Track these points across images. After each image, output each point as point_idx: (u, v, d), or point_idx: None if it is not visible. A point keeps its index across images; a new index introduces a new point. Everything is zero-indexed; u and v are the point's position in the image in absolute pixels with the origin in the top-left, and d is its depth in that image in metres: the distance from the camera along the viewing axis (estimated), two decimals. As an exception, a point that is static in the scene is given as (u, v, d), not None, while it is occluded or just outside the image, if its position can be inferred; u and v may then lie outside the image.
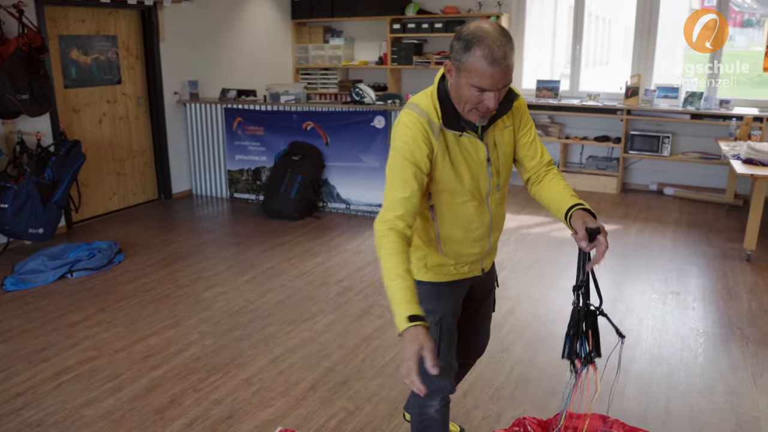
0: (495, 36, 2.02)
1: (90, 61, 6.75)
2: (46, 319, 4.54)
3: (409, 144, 2.18)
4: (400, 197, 2.16)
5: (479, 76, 2.03)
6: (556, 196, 2.38)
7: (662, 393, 3.55)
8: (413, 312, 1.98)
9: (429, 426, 2.54)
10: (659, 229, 6.56)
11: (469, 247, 2.41)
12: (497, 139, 2.31)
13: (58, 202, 5.96)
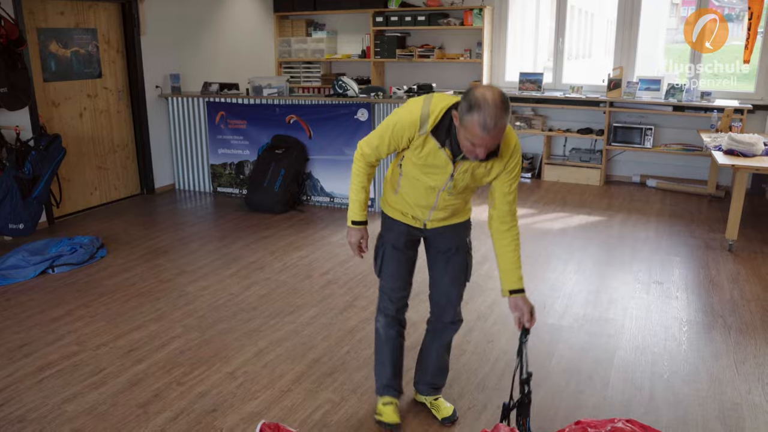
0: (492, 107, 2.38)
1: (69, 54, 6.67)
2: (27, 315, 4.49)
3: (399, 127, 2.71)
4: (375, 145, 2.82)
5: (473, 135, 2.44)
6: (507, 267, 2.85)
7: (646, 381, 3.57)
8: (358, 219, 2.98)
9: (376, 338, 3.21)
10: (642, 220, 6.59)
11: (413, 207, 2.94)
12: (469, 169, 2.70)
13: (39, 197, 5.89)
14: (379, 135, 2.79)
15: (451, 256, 3.03)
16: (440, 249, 3.05)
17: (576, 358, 3.82)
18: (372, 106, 6.65)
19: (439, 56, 8.83)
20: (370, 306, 4.53)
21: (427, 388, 3.27)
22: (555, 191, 7.85)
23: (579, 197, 7.56)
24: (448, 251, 3.03)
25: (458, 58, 8.78)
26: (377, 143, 2.80)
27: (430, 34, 9.02)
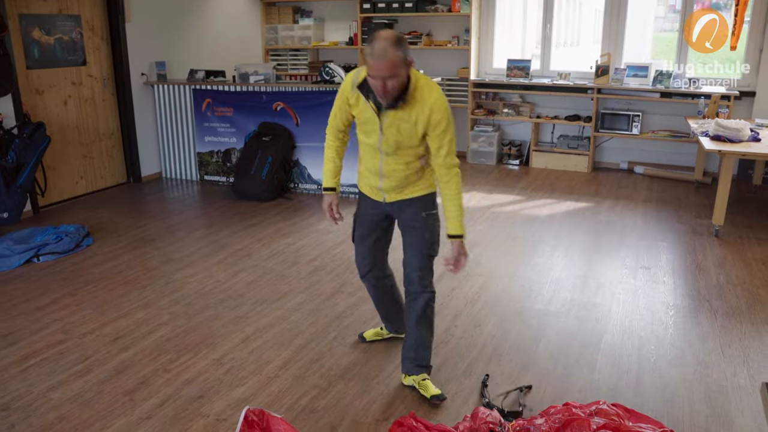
0: (382, 39, 2.77)
1: (53, 41, 6.60)
2: (12, 304, 4.45)
3: (340, 94, 3.16)
4: (331, 115, 3.28)
5: (368, 67, 2.83)
6: (447, 215, 3.14)
7: (633, 364, 3.58)
8: (328, 185, 3.48)
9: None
10: (630, 206, 6.60)
11: (370, 176, 3.27)
12: (394, 123, 2.99)
13: (23, 186, 5.84)
14: (333, 107, 3.24)
15: (410, 229, 3.27)
16: (402, 223, 3.31)
17: (563, 343, 3.83)
18: (359, 93, 6.61)
19: (426, 43, 8.80)
20: (357, 292, 4.52)
21: (411, 365, 3.32)
22: (543, 178, 7.86)
23: (567, 184, 7.57)
24: (408, 225, 3.27)
25: (446, 44, 8.75)
26: (332, 113, 3.24)
27: (418, 20, 8.98)
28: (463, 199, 3.15)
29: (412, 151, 3.09)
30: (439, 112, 2.94)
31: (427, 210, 3.24)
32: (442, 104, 2.95)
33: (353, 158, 6.53)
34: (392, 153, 3.08)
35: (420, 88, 2.94)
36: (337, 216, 3.44)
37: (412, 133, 2.99)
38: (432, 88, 2.96)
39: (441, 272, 4.86)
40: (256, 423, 2.53)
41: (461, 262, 3.13)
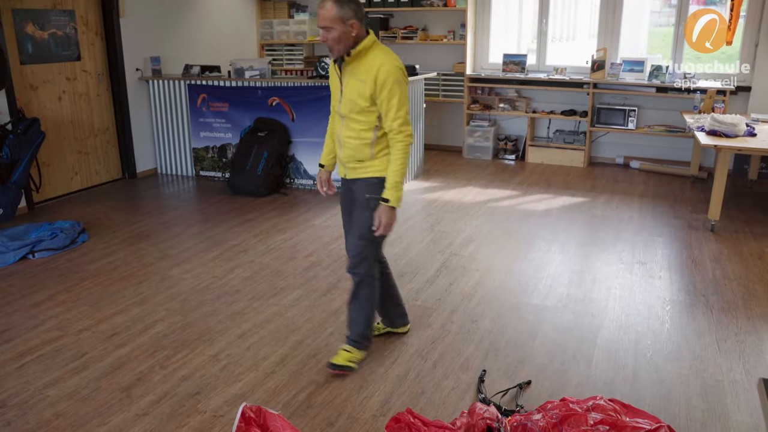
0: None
1: (47, 36, 6.57)
2: (8, 301, 4.43)
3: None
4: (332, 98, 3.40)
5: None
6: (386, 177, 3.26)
7: (630, 359, 3.58)
8: (321, 162, 3.64)
9: None
10: (626, 201, 6.61)
11: (335, 147, 3.46)
12: (349, 81, 3.21)
13: (18, 182, 5.82)
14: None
15: (354, 209, 3.41)
16: (351, 203, 3.44)
17: (560, 338, 3.83)
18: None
19: (422, 38, 8.79)
20: (354, 288, 4.52)
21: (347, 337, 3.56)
22: (539, 173, 7.86)
23: (563, 179, 7.57)
24: (353, 205, 3.41)
25: (442, 39, 8.74)
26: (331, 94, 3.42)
27: (414, 15, 8.96)
28: (404, 173, 3.24)
29: (363, 117, 3.22)
30: (385, 73, 3.11)
31: (370, 193, 3.31)
32: (390, 68, 3.13)
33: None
34: (347, 115, 3.25)
35: (373, 51, 3.18)
36: (325, 188, 3.60)
37: (362, 92, 3.16)
38: (386, 53, 3.19)
39: (438, 267, 4.87)
40: (254, 419, 2.52)
41: (382, 227, 3.23)
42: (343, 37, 3.12)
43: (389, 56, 3.19)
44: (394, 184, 3.21)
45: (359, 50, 3.16)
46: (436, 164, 8.33)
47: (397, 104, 3.15)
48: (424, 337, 3.83)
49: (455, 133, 9.13)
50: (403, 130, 3.19)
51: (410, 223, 5.96)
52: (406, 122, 3.19)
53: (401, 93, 3.17)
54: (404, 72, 3.21)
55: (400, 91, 3.16)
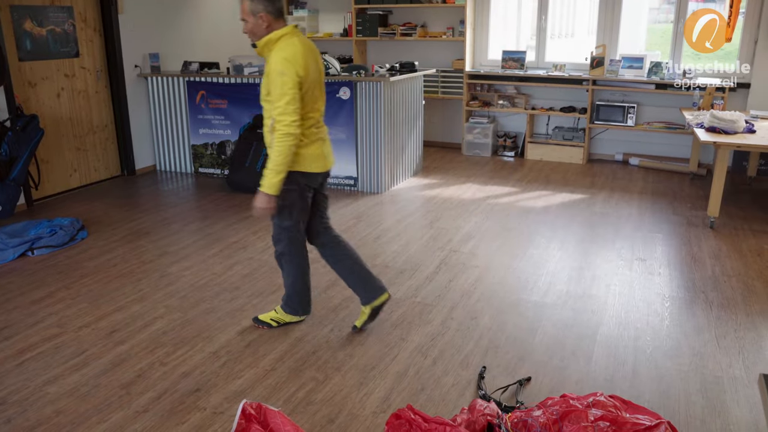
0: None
1: (45, 32, 6.55)
2: (7, 298, 4.43)
3: None
4: None
5: None
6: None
7: (630, 355, 3.59)
8: None
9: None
10: (625, 198, 6.61)
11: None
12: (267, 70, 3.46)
13: (17, 179, 5.81)
14: None
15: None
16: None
17: (559, 334, 3.83)
18: (354, 85, 6.60)
19: (421, 34, 8.77)
20: (353, 285, 4.53)
21: None
22: (538, 170, 7.86)
23: (562, 175, 7.57)
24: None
25: (441, 36, 8.73)
26: None
27: (413, 11, 8.95)
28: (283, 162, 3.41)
29: (266, 105, 3.50)
30: (273, 64, 3.38)
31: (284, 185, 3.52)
32: (277, 58, 3.37)
33: (349, 148, 6.44)
34: (264, 104, 3.53)
35: (277, 43, 3.45)
36: None
37: (264, 81, 3.46)
38: (285, 45, 3.42)
39: (438, 264, 4.87)
40: (254, 416, 2.52)
41: (255, 210, 3.53)
42: (255, 29, 3.47)
43: (284, 49, 3.40)
44: (268, 171, 3.43)
45: (264, 42, 3.46)
46: (435, 161, 8.33)
47: (278, 94, 3.35)
48: (424, 334, 3.83)
49: (454, 130, 9.13)
50: (281, 119, 3.35)
51: (409, 220, 5.96)
52: (285, 112, 3.34)
53: (282, 83, 3.34)
54: (291, 62, 3.35)
55: (281, 81, 3.34)
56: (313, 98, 3.52)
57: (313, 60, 3.53)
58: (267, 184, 3.44)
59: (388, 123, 6.69)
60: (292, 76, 3.34)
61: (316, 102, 3.56)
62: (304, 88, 3.42)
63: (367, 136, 6.69)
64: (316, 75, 3.55)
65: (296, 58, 3.37)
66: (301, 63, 3.39)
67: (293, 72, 3.34)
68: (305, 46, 3.50)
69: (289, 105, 3.34)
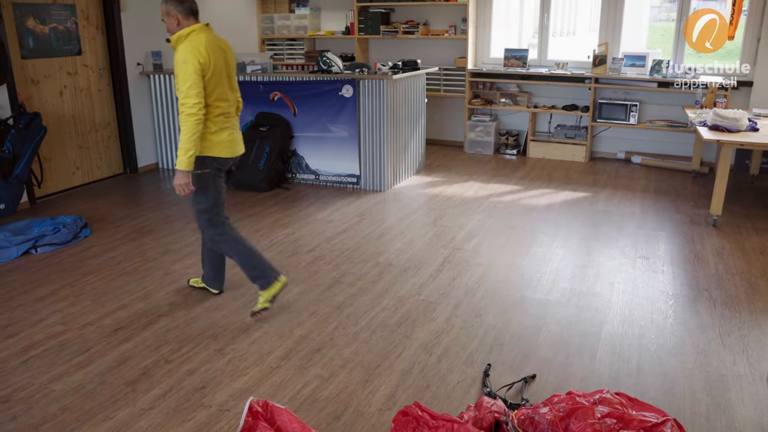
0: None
1: (48, 30, 6.55)
2: (11, 295, 4.44)
3: None
4: None
5: None
6: None
7: (634, 353, 3.59)
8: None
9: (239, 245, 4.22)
10: (627, 196, 6.61)
11: None
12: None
13: (20, 177, 5.81)
14: None
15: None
16: None
17: (564, 332, 3.83)
18: (357, 83, 6.60)
19: (423, 32, 8.77)
20: (357, 282, 4.53)
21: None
22: (540, 168, 7.86)
23: (564, 174, 7.57)
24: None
25: (443, 34, 8.73)
26: None
27: (415, 9, 8.95)
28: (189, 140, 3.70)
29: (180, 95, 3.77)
30: (178, 53, 3.76)
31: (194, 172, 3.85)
32: (182, 51, 3.74)
33: (348, 148, 6.43)
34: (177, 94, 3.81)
35: (187, 38, 3.82)
36: None
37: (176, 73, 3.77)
38: (191, 39, 3.80)
39: (441, 262, 4.88)
40: (261, 414, 2.53)
41: (177, 188, 3.80)
42: (169, 26, 3.91)
43: (189, 42, 3.78)
44: (179, 151, 3.73)
45: (176, 37, 3.85)
46: (438, 159, 8.33)
47: (181, 80, 3.71)
48: (429, 332, 3.83)
49: (456, 128, 9.13)
50: (184, 102, 3.71)
51: (413, 218, 5.96)
52: (187, 95, 3.69)
53: (184, 70, 3.70)
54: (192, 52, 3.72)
55: (183, 68, 3.70)
56: (219, 89, 3.86)
57: (220, 54, 3.89)
58: (179, 162, 3.73)
59: (391, 121, 6.69)
60: (194, 63, 3.69)
61: (223, 93, 3.90)
62: (206, 77, 3.76)
63: (370, 134, 6.69)
64: (222, 68, 3.89)
65: (198, 48, 3.74)
66: (203, 53, 3.74)
67: (194, 60, 3.70)
68: (211, 40, 3.87)
69: (190, 89, 3.69)
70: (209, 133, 3.87)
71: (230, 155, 4.05)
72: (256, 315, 4.03)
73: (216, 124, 3.90)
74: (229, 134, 4.01)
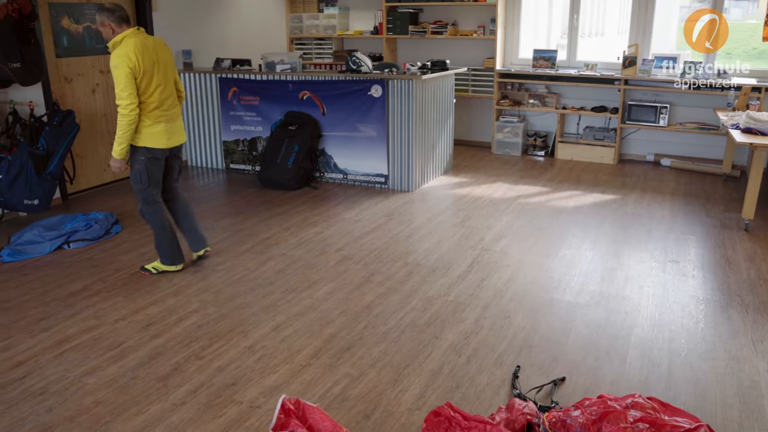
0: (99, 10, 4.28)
1: (81, 29, 6.65)
2: (45, 290, 4.51)
3: None
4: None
5: None
6: None
7: (664, 358, 3.56)
8: None
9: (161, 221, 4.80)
10: (657, 199, 6.56)
11: None
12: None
13: (53, 173, 5.90)
14: None
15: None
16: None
17: (593, 335, 3.82)
18: (386, 83, 6.62)
19: (452, 32, 8.76)
20: (386, 282, 4.55)
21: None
22: (568, 169, 7.82)
23: (593, 176, 7.53)
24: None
25: (471, 34, 8.71)
26: None
27: (444, 9, 8.94)
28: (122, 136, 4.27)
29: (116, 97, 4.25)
30: (112, 59, 4.21)
31: (132, 158, 4.49)
32: (114, 57, 4.20)
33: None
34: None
35: (120, 43, 4.24)
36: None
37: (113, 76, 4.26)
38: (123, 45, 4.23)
39: (470, 263, 4.87)
40: (293, 411, 2.55)
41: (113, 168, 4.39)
42: (105, 35, 4.31)
43: (121, 47, 4.22)
44: (115, 142, 4.30)
45: (112, 43, 4.27)
46: (465, 160, 8.32)
47: (115, 83, 4.20)
48: (458, 332, 3.84)
49: (484, 129, 9.11)
50: (119, 103, 4.21)
51: (440, 219, 5.96)
52: (120, 97, 4.19)
53: (117, 75, 4.18)
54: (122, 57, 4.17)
55: (116, 73, 4.18)
56: (150, 87, 4.33)
57: (150, 54, 4.32)
58: (114, 151, 4.32)
59: (419, 121, 6.70)
60: (124, 68, 4.16)
61: (155, 90, 4.35)
62: (138, 78, 4.25)
63: (398, 134, 6.70)
64: (154, 67, 4.34)
65: (128, 54, 4.18)
66: (132, 57, 4.19)
67: (124, 65, 4.16)
68: (142, 43, 4.28)
69: (122, 91, 4.18)
70: (144, 127, 4.37)
71: (166, 146, 4.51)
72: (142, 271, 4.77)
73: (150, 118, 4.38)
74: (164, 127, 4.46)
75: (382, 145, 6.79)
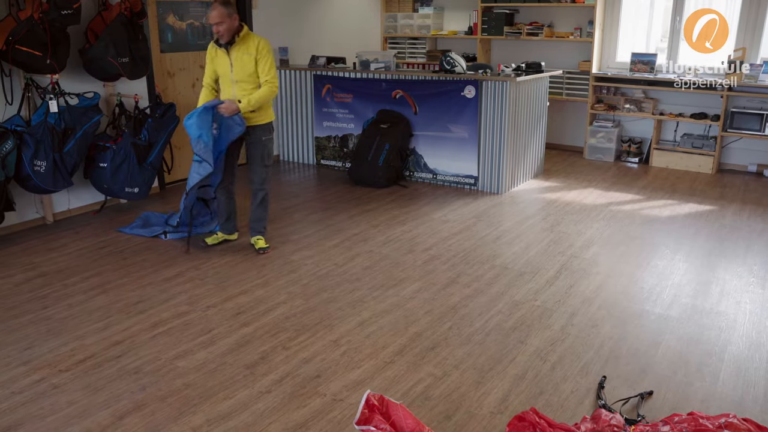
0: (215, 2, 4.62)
1: (185, 26, 6.89)
2: (142, 274, 4.71)
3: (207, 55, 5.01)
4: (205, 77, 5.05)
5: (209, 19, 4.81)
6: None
7: (761, 378, 3.41)
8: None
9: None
10: (758, 212, 6.27)
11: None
12: (238, 57, 4.78)
13: (153, 163, 6.14)
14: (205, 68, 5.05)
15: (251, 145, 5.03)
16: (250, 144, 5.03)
17: (684, 350, 3.69)
18: (480, 84, 6.58)
19: (548, 34, 8.63)
20: (473, 283, 4.53)
21: (253, 230, 5.24)
22: (663, 178, 7.58)
23: (689, 185, 7.27)
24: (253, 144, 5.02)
25: (568, 36, 8.56)
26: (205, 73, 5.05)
27: (540, 10, 8.82)
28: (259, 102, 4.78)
29: (252, 79, 4.81)
30: (264, 45, 4.77)
31: (265, 135, 5.02)
32: (265, 43, 4.78)
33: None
34: (240, 81, 4.81)
35: (250, 34, 4.80)
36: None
37: (250, 62, 4.76)
38: (259, 37, 4.81)
39: (558, 269, 4.80)
40: (377, 407, 2.57)
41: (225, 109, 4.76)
42: (230, 27, 4.68)
43: (258, 38, 4.78)
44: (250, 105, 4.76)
45: (244, 34, 4.74)
46: (557, 164, 8.18)
47: (269, 66, 4.78)
48: (544, 338, 3.79)
49: (577, 133, 8.93)
50: (274, 81, 4.81)
51: (529, 223, 5.89)
52: (274, 76, 4.80)
53: (270, 58, 4.79)
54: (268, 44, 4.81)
55: (270, 56, 4.79)
56: None
57: None
58: (243, 105, 4.74)
59: (512, 123, 6.63)
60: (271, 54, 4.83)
61: None
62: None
63: (490, 135, 6.65)
64: None
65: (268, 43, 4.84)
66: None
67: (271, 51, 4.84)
68: None
69: (274, 69, 4.84)
70: (270, 106, 4.99)
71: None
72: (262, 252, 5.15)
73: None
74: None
75: (472, 146, 6.76)
